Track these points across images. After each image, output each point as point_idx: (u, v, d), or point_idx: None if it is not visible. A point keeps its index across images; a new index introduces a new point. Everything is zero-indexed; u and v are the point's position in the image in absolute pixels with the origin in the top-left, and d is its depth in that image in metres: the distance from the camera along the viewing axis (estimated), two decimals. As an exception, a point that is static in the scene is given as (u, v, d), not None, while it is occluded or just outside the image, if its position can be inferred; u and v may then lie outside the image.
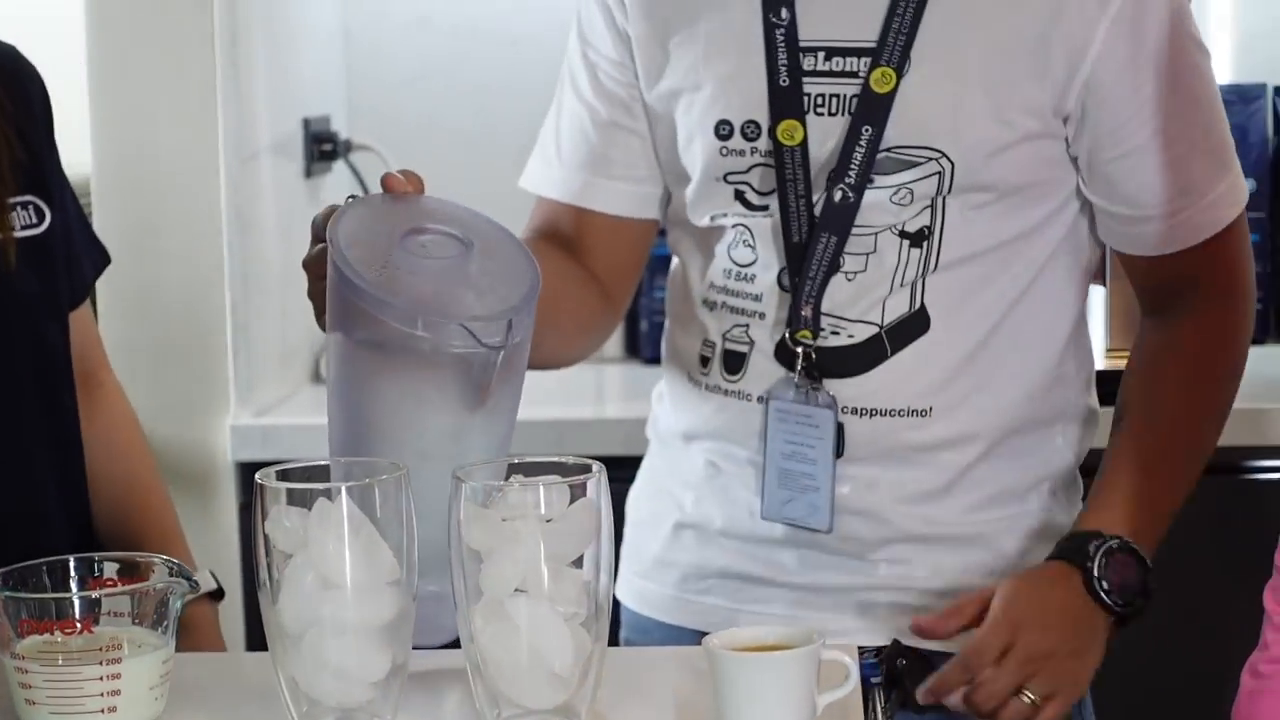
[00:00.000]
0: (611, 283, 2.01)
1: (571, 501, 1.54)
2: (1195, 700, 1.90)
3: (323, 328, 1.67)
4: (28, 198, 1.90)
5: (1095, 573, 1.85)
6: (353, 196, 1.67)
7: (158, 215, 2.81)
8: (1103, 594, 1.85)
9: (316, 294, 1.67)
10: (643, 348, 3.25)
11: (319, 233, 1.66)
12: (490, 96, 3.33)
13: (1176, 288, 1.96)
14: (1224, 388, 1.97)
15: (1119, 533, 1.87)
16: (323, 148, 3.18)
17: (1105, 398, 2.04)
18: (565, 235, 2.00)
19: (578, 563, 1.54)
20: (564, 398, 2.88)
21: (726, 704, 1.52)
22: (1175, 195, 1.91)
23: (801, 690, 1.51)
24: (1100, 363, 2.16)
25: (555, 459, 1.58)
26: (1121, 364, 2.73)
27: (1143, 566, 1.87)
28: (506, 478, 1.57)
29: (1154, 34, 1.88)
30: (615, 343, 3.29)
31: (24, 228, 1.89)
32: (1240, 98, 3.09)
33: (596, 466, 1.56)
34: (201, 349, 2.86)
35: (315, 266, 1.67)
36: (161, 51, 2.83)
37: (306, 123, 3.16)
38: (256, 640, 2.70)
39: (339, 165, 3.23)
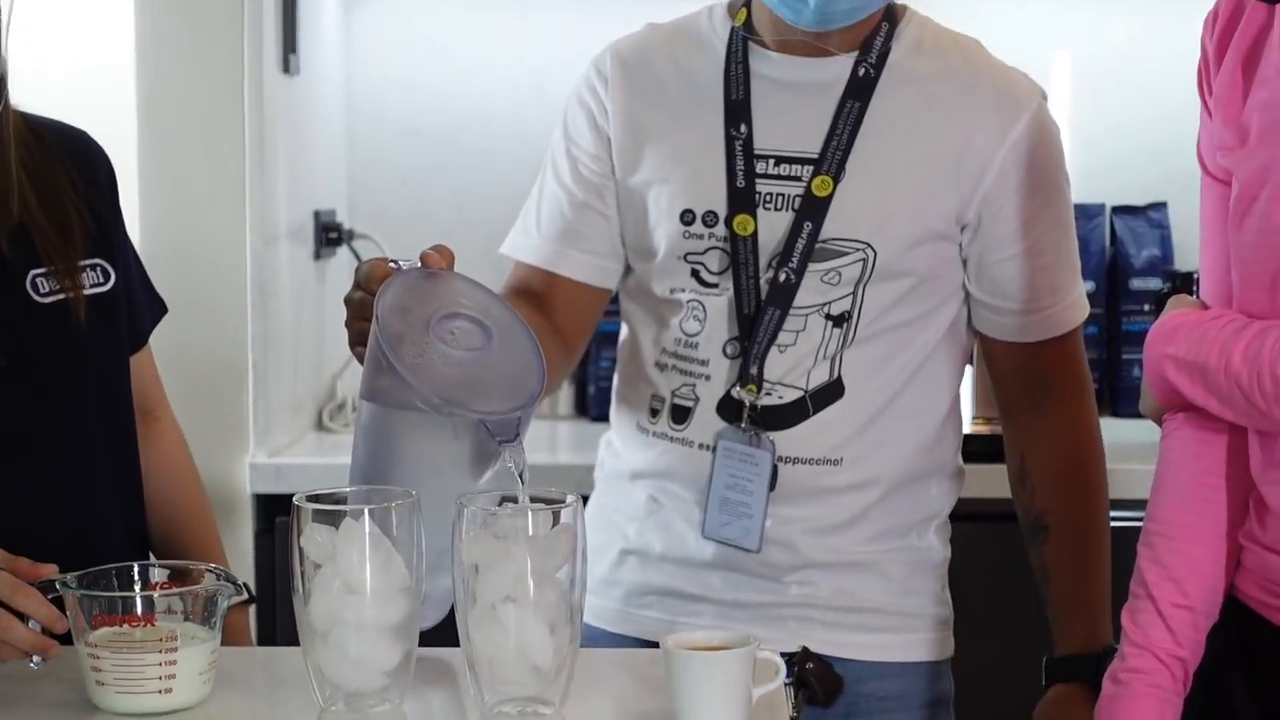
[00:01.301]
0: (570, 335, 2.01)
1: (553, 525, 1.56)
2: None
3: (356, 355, 1.68)
4: (95, 260, 1.89)
5: None
6: (395, 262, 1.67)
7: (194, 286, 2.80)
8: None
9: (354, 329, 1.69)
10: (590, 407, 3.25)
11: (361, 279, 1.68)
12: (467, 195, 3.34)
13: (1033, 381, 1.99)
14: (1103, 470, 2.01)
15: (1106, 643, 1.91)
16: (329, 235, 3.18)
17: (968, 456, 2.06)
18: (535, 293, 2.00)
19: (558, 576, 1.56)
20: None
21: (681, 694, 1.53)
22: (1044, 295, 1.96)
23: (743, 682, 1.53)
24: (967, 428, 2.20)
25: (538, 491, 1.59)
26: (981, 429, 2.77)
27: None
28: (500, 505, 1.59)
29: (1038, 163, 1.93)
30: (567, 403, 3.30)
31: (92, 286, 1.88)
32: (1084, 215, 3.15)
33: (573, 498, 1.57)
34: (226, 398, 2.85)
35: (355, 306, 1.68)
36: (200, 152, 2.83)
37: (317, 214, 3.17)
38: (264, 643, 2.69)
39: (342, 250, 3.23)
